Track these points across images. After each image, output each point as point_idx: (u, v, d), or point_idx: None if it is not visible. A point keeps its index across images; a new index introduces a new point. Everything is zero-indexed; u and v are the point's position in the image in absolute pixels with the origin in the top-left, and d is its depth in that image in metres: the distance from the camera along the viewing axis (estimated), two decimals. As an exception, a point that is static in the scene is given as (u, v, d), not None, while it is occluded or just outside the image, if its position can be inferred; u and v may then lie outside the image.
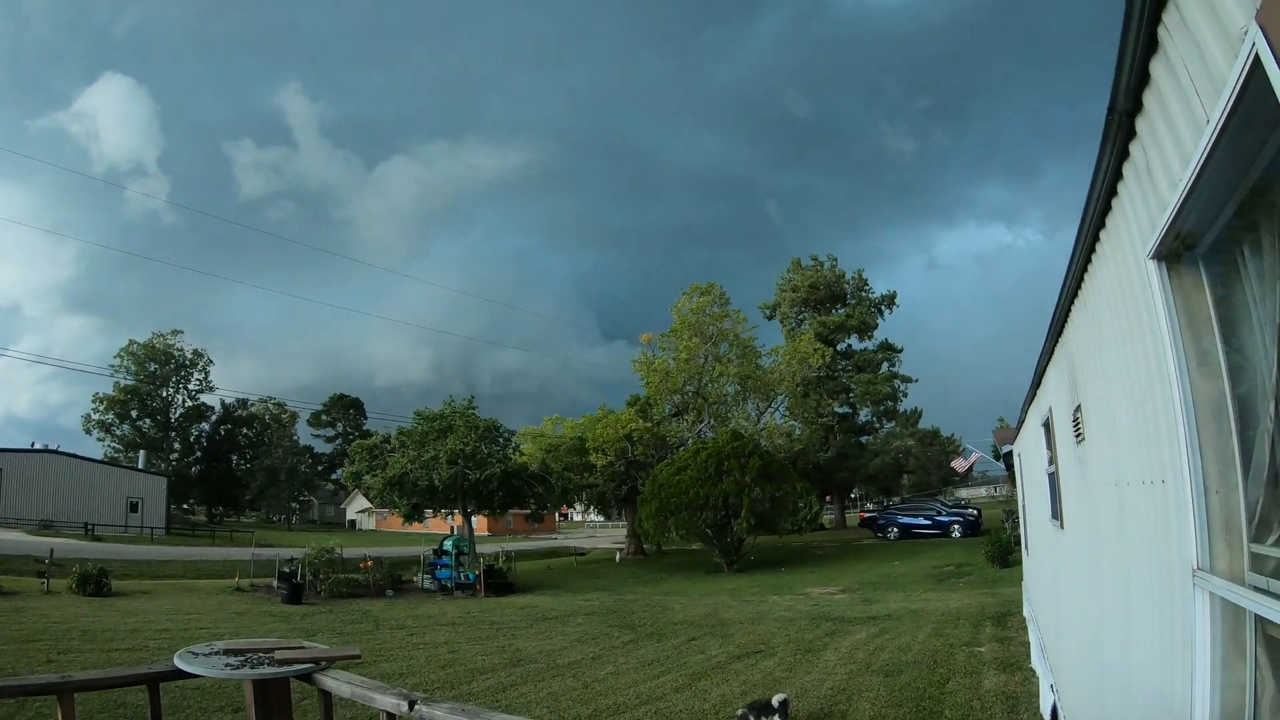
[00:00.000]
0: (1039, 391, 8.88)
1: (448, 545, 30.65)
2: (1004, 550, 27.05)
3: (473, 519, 41.04)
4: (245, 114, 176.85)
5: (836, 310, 62.98)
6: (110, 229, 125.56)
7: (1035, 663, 11.32)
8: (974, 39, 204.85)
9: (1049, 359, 7.24)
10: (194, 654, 3.73)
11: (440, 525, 58.40)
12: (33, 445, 65.91)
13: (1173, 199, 2.64)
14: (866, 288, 64.22)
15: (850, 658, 13.89)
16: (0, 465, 57.39)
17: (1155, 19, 2.58)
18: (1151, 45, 2.67)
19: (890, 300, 64.24)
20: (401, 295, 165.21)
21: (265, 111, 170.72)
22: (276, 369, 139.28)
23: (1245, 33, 2.00)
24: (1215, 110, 2.17)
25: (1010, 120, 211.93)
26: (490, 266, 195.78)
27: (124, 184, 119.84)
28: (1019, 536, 20.20)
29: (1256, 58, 1.92)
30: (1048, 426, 8.07)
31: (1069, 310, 5.36)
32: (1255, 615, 2.56)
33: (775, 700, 8.99)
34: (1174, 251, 2.87)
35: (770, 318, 64.23)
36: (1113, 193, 3.51)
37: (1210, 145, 2.24)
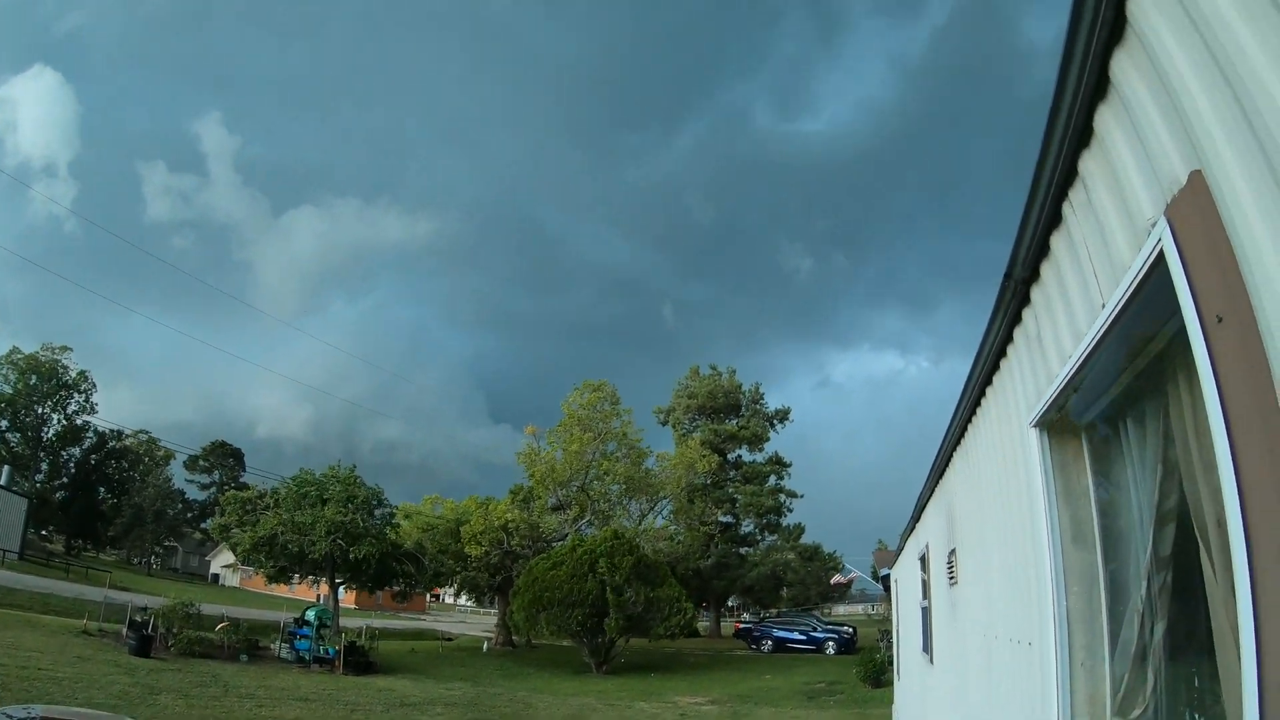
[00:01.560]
0: (918, 525, 9.02)
1: (310, 615, 29.56)
2: (877, 670, 27.10)
3: (340, 591, 39.73)
4: (164, 135, 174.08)
5: (730, 421, 63.49)
6: (8, 227, 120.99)
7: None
8: (881, 173, 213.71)
9: (929, 496, 7.36)
10: (8, 716, 3.45)
11: (306, 592, 56.58)
12: None
13: (1061, 371, 2.69)
14: (762, 401, 65.04)
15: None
16: None
17: (1061, 194, 2.66)
18: (1055, 219, 2.74)
19: (784, 415, 65.10)
20: (292, 347, 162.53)
21: (183, 136, 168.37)
22: (155, 402, 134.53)
23: (1153, 225, 2.06)
24: (1113, 295, 2.22)
25: (909, 253, 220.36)
26: (384, 333, 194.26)
27: (32, 182, 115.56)
28: (893, 657, 20.34)
29: (1161, 252, 1.97)
30: (924, 561, 8.17)
31: (951, 456, 5.44)
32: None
33: None
34: (1057, 423, 2.92)
35: (664, 423, 64.50)
36: (1002, 354, 3.59)
37: (1104, 328, 2.29)
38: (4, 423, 79.56)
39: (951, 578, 5.61)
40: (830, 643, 45.47)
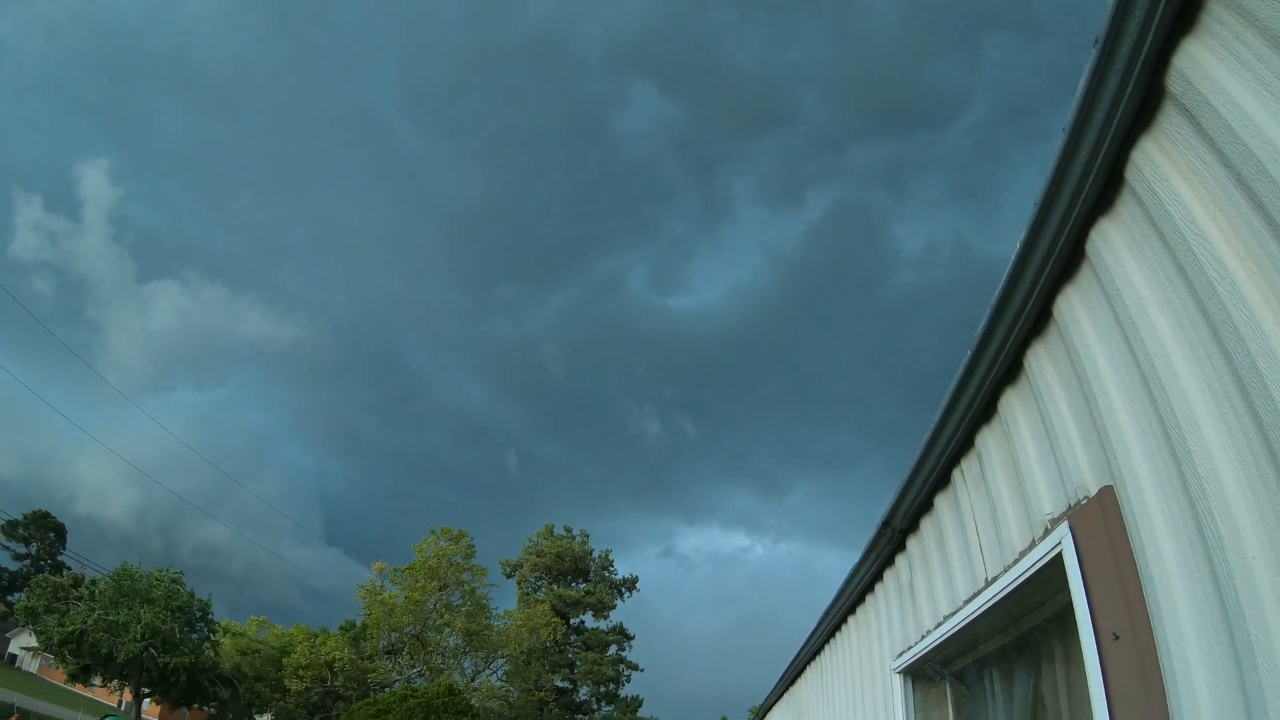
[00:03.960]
0: (765, 720, 8.91)
1: (106, 725, 27.55)
2: None
3: (145, 702, 37.16)
4: (48, 170, 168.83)
5: (577, 585, 62.94)
6: None
7: None
8: (743, 356, 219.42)
9: (777, 699, 7.29)
10: None
11: (107, 695, 52.94)
12: None
13: (933, 629, 2.70)
14: (611, 569, 64.74)
15: None
16: None
17: (954, 461, 2.72)
18: (944, 481, 2.80)
19: (631, 584, 64.83)
20: (129, 424, 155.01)
21: (66, 178, 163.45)
22: None
23: (1053, 522, 2.10)
24: (1002, 577, 2.26)
25: (763, 436, 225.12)
26: (227, 431, 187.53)
27: None
28: None
29: (1059, 555, 2.00)
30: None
31: (804, 668, 5.42)
32: None
33: None
34: (923, 670, 2.92)
35: (509, 576, 63.55)
36: (870, 589, 3.62)
37: (987, 603, 2.31)
38: None
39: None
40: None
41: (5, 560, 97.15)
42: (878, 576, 3.42)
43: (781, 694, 7.06)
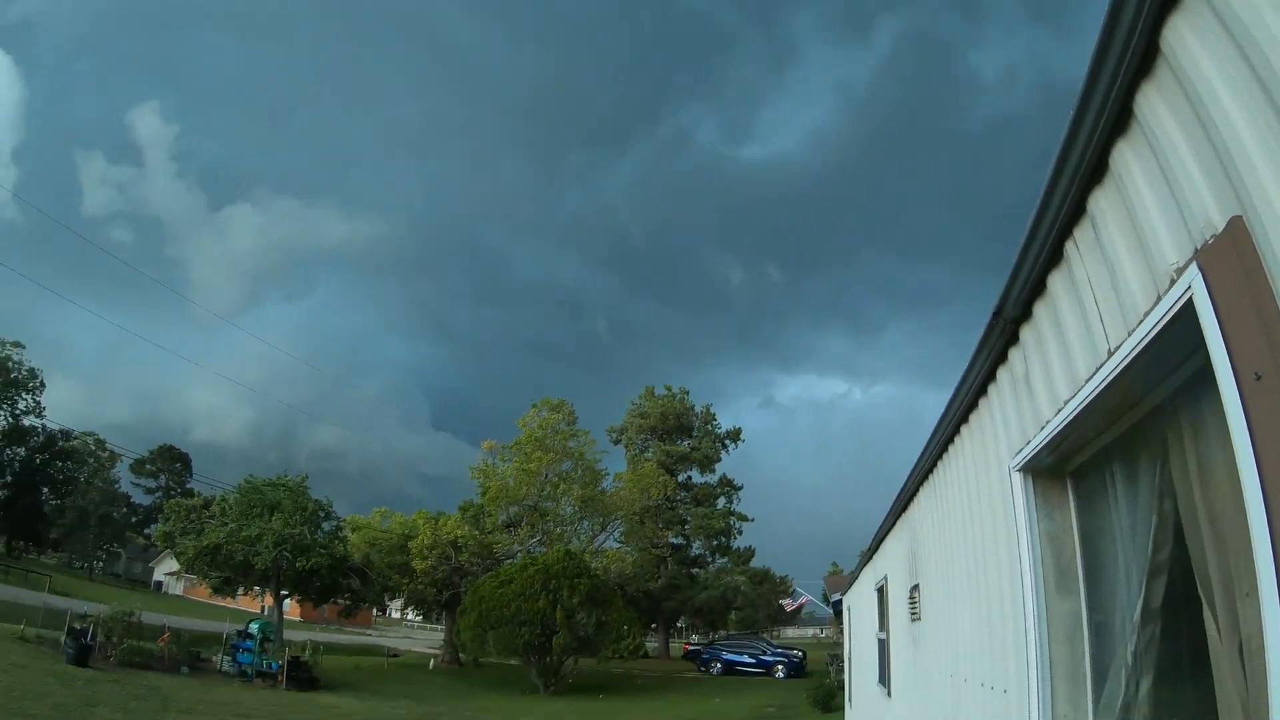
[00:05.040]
0: (875, 557, 8.92)
1: (254, 628, 29.00)
2: (827, 695, 26.94)
3: (285, 603, 39.00)
4: (104, 125, 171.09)
5: (682, 442, 63.45)
6: None
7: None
8: (824, 198, 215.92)
9: (890, 527, 7.25)
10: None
11: (250, 603, 55.64)
12: None
13: (1052, 419, 2.59)
14: (714, 422, 65.05)
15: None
16: None
17: (1066, 232, 2.56)
18: (1056, 257, 2.64)
19: (735, 436, 65.14)
20: (230, 348, 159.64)
21: (123, 128, 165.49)
22: (93, 398, 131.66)
23: (1179, 271, 1.96)
24: (1125, 344, 2.11)
25: (852, 277, 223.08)
26: (325, 337, 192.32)
27: None
28: (843, 682, 20.20)
29: (1189, 301, 1.88)
30: (882, 592, 8.07)
31: (917, 490, 5.35)
32: None
33: None
34: (1043, 467, 2.83)
35: (616, 442, 64.28)
36: (983, 392, 3.49)
37: (1110, 376, 2.19)
38: None
39: (914, 614, 5.51)
40: (780, 666, 45.31)
41: (139, 496, 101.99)
42: (990, 376, 3.31)
43: (893, 523, 7.02)
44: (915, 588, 5.47)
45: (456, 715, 24.08)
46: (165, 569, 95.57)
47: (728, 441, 64.82)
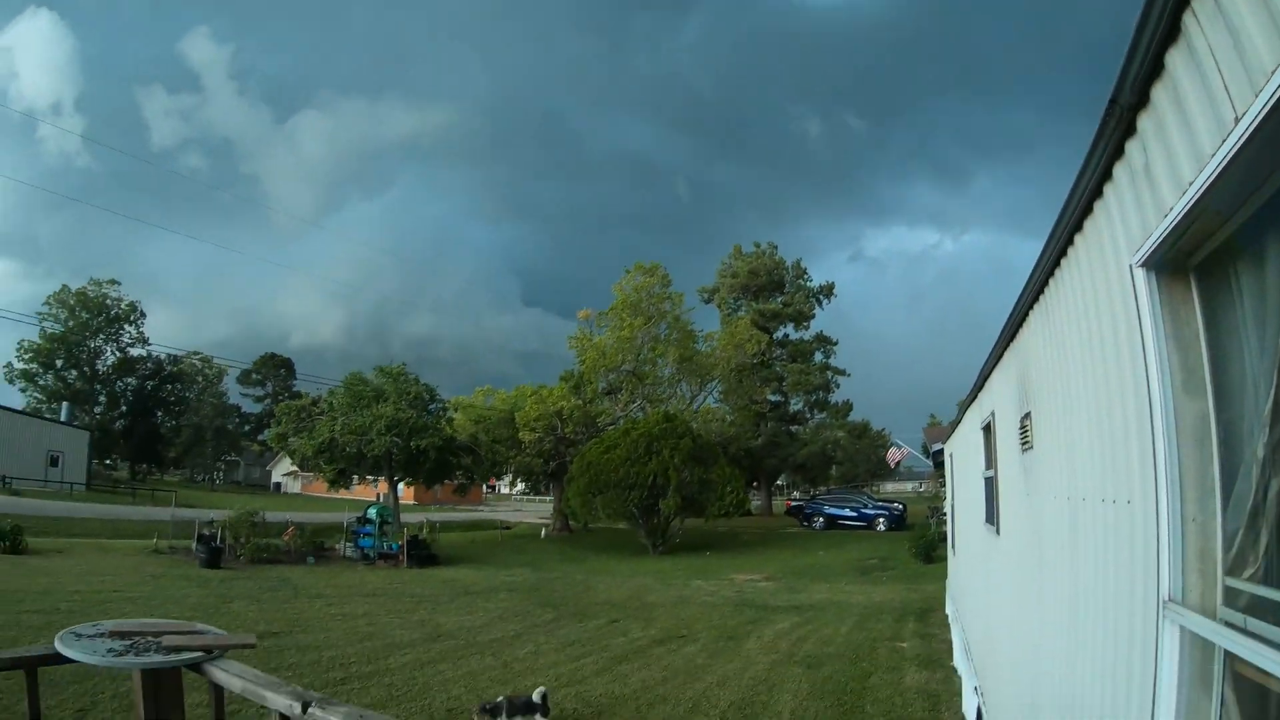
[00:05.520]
0: (980, 395, 8.78)
1: (372, 514, 30.15)
2: (928, 547, 27.25)
3: (399, 488, 40.34)
4: (158, 58, 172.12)
5: (774, 298, 63.02)
6: (28, 171, 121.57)
7: (958, 662, 11.32)
8: (903, 44, 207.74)
9: (996, 362, 7.10)
10: (77, 635, 3.40)
11: (366, 492, 57.68)
12: None
13: (1176, 204, 2.44)
14: (805, 277, 64.33)
15: (773, 647, 13.84)
16: (-87, 416, 55.36)
17: (1183, 4, 2.36)
18: (1173, 32, 2.45)
19: (828, 290, 64.49)
20: (316, 253, 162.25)
21: (177, 57, 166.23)
22: (194, 323, 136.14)
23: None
24: (1250, 107, 1.95)
25: (937, 124, 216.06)
26: (406, 230, 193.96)
27: (41, 123, 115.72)
28: (944, 534, 20.29)
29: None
30: (988, 430, 7.97)
31: (1026, 314, 5.20)
32: (1225, 651, 2.41)
33: (536, 695, 8.76)
34: (1166, 261, 2.68)
35: (708, 302, 64.13)
36: (1098, 194, 3.31)
37: (1236, 146, 2.03)
38: (60, 361, 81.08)
39: (1025, 443, 5.41)
40: (881, 519, 45.73)
41: (249, 405, 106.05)
42: (1106, 174, 3.12)
43: (1000, 356, 6.85)
44: (1026, 416, 5.36)
45: (570, 579, 24.86)
46: (282, 470, 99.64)
47: (820, 296, 64.22)
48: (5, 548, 22.05)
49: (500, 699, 8.00)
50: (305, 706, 2.73)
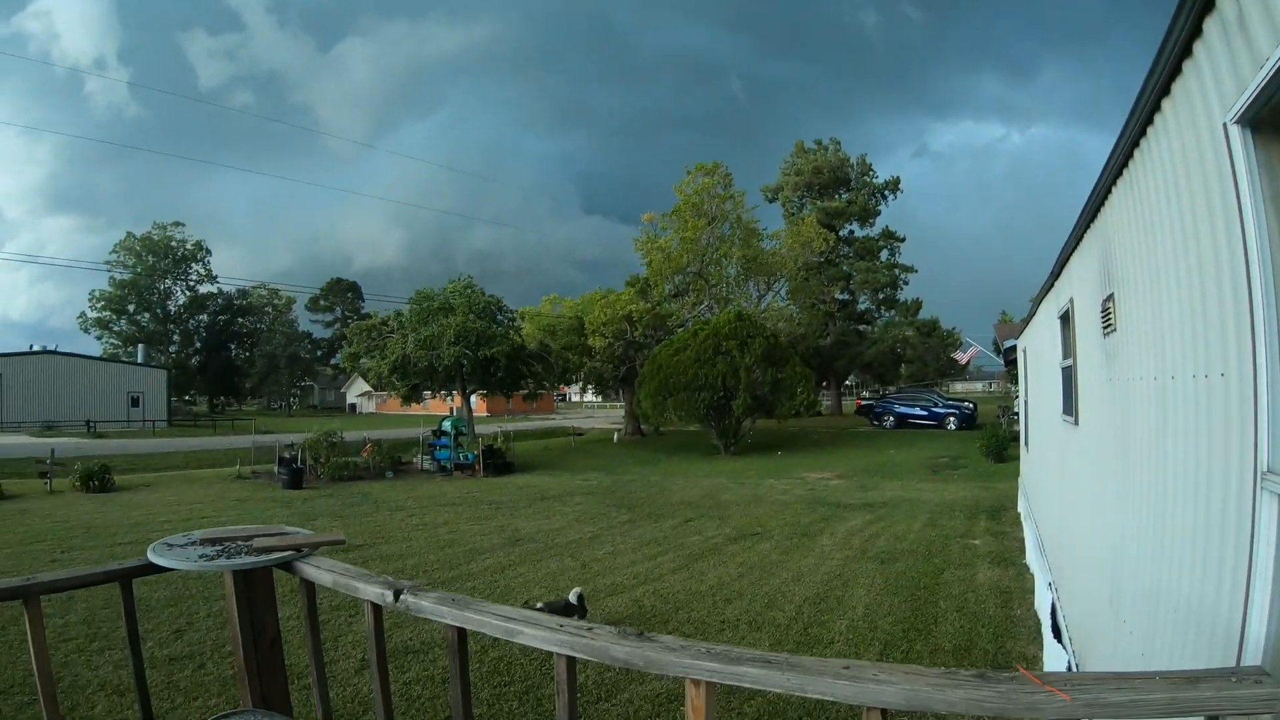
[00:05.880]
0: (1057, 282, 8.57)
1: (446, 426, 30.66)
2: (1000, 445, 27.09)
3: (471, 399, 40.84)
4: (195, 1, 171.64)
5: (839, 195, 62.12)
6: (82, 126, 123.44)
7: (1031, 560, 11.29)
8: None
9: (1074, 247, 6.91)
10: (169, 545, 3.49)
11: (439, 406, 58.65)
12: (31, 348, 65.48)
13: (1273, 54, 2.30)
14: (870, 173, 63.22)
15: (846, 543, 13.92)
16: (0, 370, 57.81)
17: None
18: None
19: (894, 186, 63.27)
20: (371, 178, 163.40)
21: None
22: (258, 256, 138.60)
23: None
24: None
25: (1004, 14, 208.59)
26: (462, 147, 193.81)
27: (88, 79, 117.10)
28: (1016, 433, 20.10)
29: None
30: (1066, 319, 7.79)
31: (1109, 191, 5.02)
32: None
33: (572, 596, 8.86)
34: (1263, 116, 2.54)
35: (772, 200, 63.47)
36: (1187, 53, 3.14)
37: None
38: (131, 306, 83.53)
39: (1107, 326, 5.27)
40: (951, 418, 45.45)
41: (319, 331, 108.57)
42: (1195, 31, 2.96)
43: (1079, 238, 6.62)
44: (1109, 298, 5.21)
45: (644, 481, 25.12)
46: (356, 392, 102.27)
47: (886, 193, 63.15)
48: (95, 486, 22.79)
49: (539, 603, 8.13)
50: (397, 594, 2.78)
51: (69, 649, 8.05)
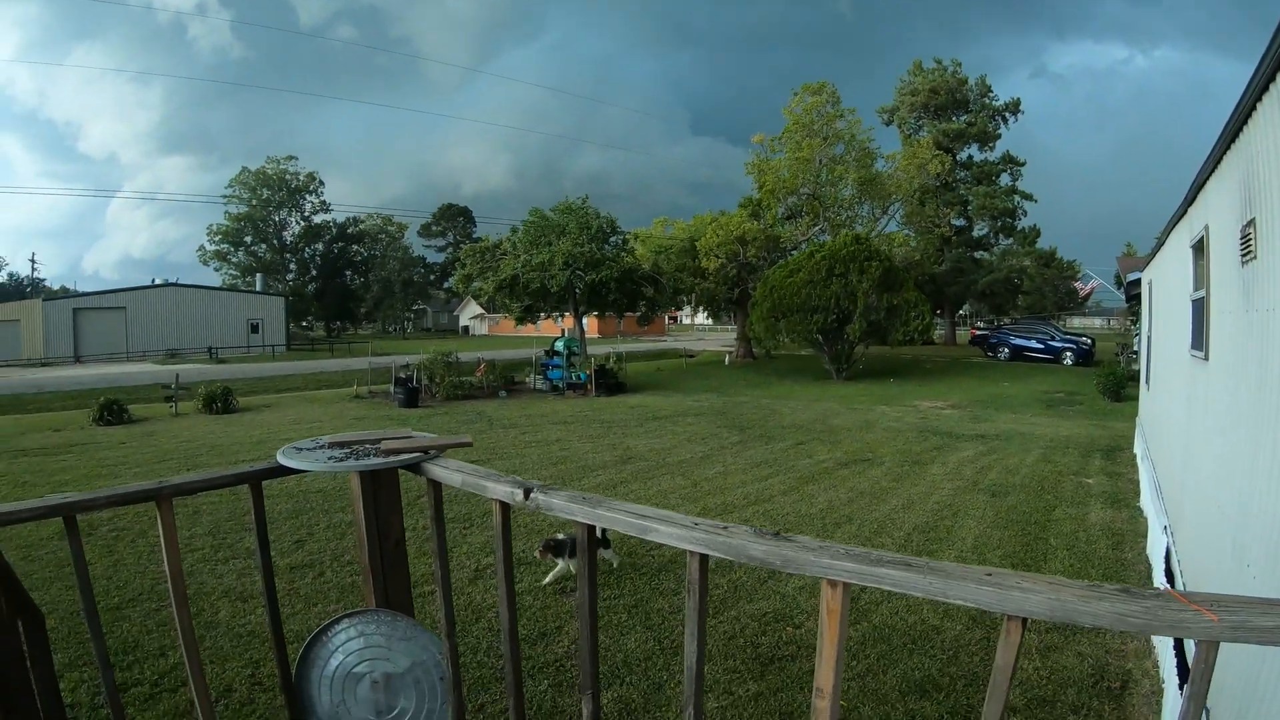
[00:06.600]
0: (1190, 209, 8.27)
1: (559, 346, 31.09)
2: (1118, 383, 26.29)
3: (584, 320, 41.17)
4: None
5: (957, 117, 60.25)
6: (192, 69, 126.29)
7: (1145, 503, 11.07)
8: None
9: (1212, 169, 6.64)
10: (298, 449, 3.65)
11: (551, 328, 59.31)
12: (153, 281, 68.66)
13: None
14: (989, 94, 61.00)
15: (957, 474, 13.82)
16: (124, 304, 60.70)
17: None
18: None
19: (1014, 108, 60.99)
20: (477, 104, 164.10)
21: None
22: (370, 185, 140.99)
23: None
24: None
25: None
26: (568, 70, 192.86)
27: (191, 22, 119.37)
28: (1135, 371, 19.42)
29: None
30: (1199, 248, 7.54)
31: (1253, 109, 4.82)
32: None
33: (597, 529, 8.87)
34: None
35: (888, 123, 61.89)
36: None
37: None
38: (248, 238, 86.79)
39: (1246, 253, 5.10)
40: (1068, 353, 44.06)
41: (432, 255, 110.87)
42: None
43: (1219, 159, 6.34)
44: (1249, 224, 5.03)
45: (756, 403, 25.16)
46: (469, 314, 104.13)
47: (1006, 115, 60.97)
48: (218, 408, 23.70)
49: (564, 536, 8.28)
50: (527, 493, 2.89)
51: (195, 558, 8.61)
